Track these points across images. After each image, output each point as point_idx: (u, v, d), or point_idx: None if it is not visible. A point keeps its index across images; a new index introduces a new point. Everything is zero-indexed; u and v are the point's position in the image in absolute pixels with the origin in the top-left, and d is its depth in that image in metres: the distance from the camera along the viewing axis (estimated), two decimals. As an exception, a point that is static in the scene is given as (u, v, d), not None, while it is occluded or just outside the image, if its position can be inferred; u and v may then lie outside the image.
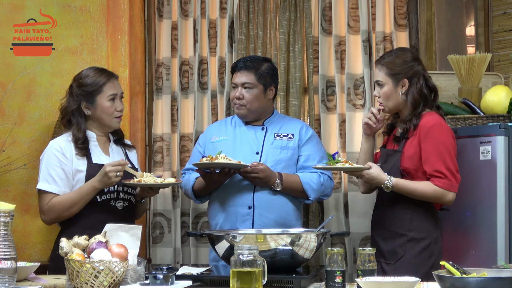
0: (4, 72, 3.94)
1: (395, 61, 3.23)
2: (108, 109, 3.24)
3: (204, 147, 3.55)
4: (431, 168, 3.11)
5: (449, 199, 3.13)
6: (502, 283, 2.16)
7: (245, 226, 3.36)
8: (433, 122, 3.15)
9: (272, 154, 3.45)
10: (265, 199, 3.39)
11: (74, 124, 3.24)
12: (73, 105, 3.25)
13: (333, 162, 3.18)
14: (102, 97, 3.23)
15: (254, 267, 2.26)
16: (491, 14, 4.25)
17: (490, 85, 3.86)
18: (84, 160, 3.19)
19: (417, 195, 3.13)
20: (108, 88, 3.24)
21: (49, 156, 3.19)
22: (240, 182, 3.40)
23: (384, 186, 3.14)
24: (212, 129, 3.64)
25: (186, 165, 3.62)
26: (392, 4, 4.12)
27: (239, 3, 4.21)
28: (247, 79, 3.46)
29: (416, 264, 3.10)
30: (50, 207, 3.15)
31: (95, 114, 3.25)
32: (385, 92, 3.24)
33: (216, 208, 3.46)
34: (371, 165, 3.17)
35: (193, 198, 3.53)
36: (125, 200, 3.26)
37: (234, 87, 3.51)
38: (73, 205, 3.14)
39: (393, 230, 3.19)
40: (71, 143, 3.20)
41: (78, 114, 3.25)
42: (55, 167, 3.17)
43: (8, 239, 2.30)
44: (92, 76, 3.25)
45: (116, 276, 2.38)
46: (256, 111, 3.49)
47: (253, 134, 3.51)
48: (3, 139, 3.84)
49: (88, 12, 4.00)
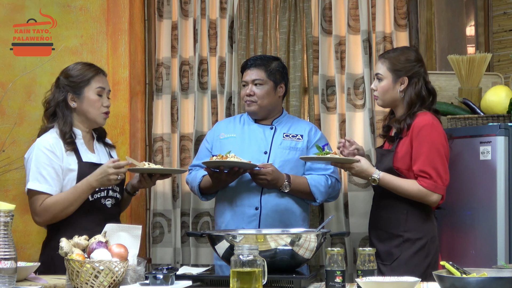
0: (4, 72, 3.95)
1: (399, 58, 3.24)
2: (95, 102, 3.20)
3: (211, 143, 3.56)
4: (418, 168, 3.12)
5: (433, 200, 3.14)
6: (502, 283, 2.16)
7: (252, 227, 3.36)
8: (425, 122, 3.15)
9: (280, 155, 3.45)
10: (272, 201, 3.39)
11: (60, 117, 3.19)
12: (59, 97, 3.21)
13: (323, 153, 3.19)
14: (89, 90, 3.20)
15: (254, 267, 2.26)
16: (491, 14, 4.25)
17: (490, 85, 3.87)
18: (74, 157, 3.15)
19: (402, 192, 3.14)
20: (95, 81, 3.22)
21: (38, 154, 3.11)
22: (249, 182, 3.40)
23: (371, 179, 3.16)
24: (220, 125, 3.64)
25: (193, 161, 3.63)
26: (392, 4, 4.12)
27: (239, 3, 4.21)
28: (257, 75, 3.49)
29: (413, 265, 3.11)
30: (45, 208, 3.08)
31: (81, 107, 3.21)
32: (383, 86, 3.25)
33: (224, 207, 3.46)
34: (360, 158, 3.18)
35: (199, 195, 3.53)
36: (112, 197, 3.24)
37: (244, 85, 3.53)
38: (70, 205, 3.08)
39: (389, 231, 3.20)
40: (60, 140, 3.15)
41: (64, 107, 3.20)
42: (46, 166, 3.10)
43: (8, 239, 2.30)
44: (81, 68, 3.24)
45: (116, 276, 2.38)
46: (266, 107, 3.50)
47: (262, 133, 3.51)
48: (3, 139, 3.84)
49: (88, 12, 4.00)
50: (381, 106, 3.38)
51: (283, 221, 3.38)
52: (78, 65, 3.27)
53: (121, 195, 3.29)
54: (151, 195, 4.24)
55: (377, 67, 3.28)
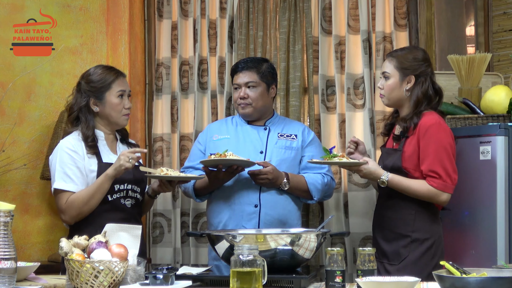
0: (4, 72, 3.95)
1: (407, 56, 3.24)
2: (116, 106, 3.24)
3: (205, 145, 3.56)
4: (427, 168, 3.12)
5: (443, 199, 3.14)
6: (502, 283, 2.16)
7: (251, 224, 3.37)
8: (432, 121, 3.15)
9: (276, 154, 3.46)
10: (271, 198, 3.41)
11: (83, 122, 3.22)
12: (82, 102, 3.24)
13: (330, 157, 3.19)
14: (110, 94, 3.23)
15: (254, 267, 2.26)
16: (491, 14, 4.25)
17: (490, 85, 3.86)
18: (94, 159, 3.18)
19: (411, 192, 3.14)
20: (116, 85, 3.24)
21: (62, 155, 3.16)
22: (247, 180, 3.41)
23: (380, 181, 3.15)
24: (212, 128, 3.64)
25: (185, 164, 3.62)
26: (392, 4, 4.12)
27: (239, 3, 4.21)
28: (250, 78, 3.49)
29: (420, 265, 3.10)
30: (69, 204, 3.11)
31: (103, 111, 3.24)
32: (390, 84, 3.24)
33: (220, 206, 3.46)
34: (368, 160, 3.18)
35: (193, 196, 3.53)
36: (132, 198, 3.25)
37: (236, 88, 3.52)
38: (91, 198, 3.10)
39: (396, 231, 3.19)
40: (81, 142, 3.18)
41: (87, 111, 3.23)
42: (70, 165, 3.14)
43: (8, 239, 2.30)
44: (101, 73, 3.25)
45: (116, 276, 2.38)
46: (261, 109, 3.51)
47: (256, 134, 3.52)
48: (3, 139, 3.84)
49: (88, 12, 4.00)
50: (386, 105, 3.36)
51: (280, 218, 3.40)
52: (98, 69, 3.28)
53: (141, 196, 3.31)
54: (151, 195, 4.24)
55: (384, 66, 3.28)
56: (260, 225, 3.37)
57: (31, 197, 3.92)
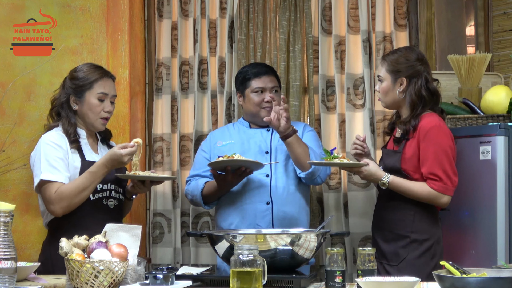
0: (4, 72, 3.94)
1: (398, 59, 3.24)
2: (94, 107, 3.19)
3: (209, 152, 3.57)
4: (428, 170, 3.12)
5: (443, 202, 3.14)
6: (502, 283, 2.16)
7: (265, 222, 3.39)
8: (432, 124, 3.15)
9: (281, 153, 3.48)
10: (282, 194, 3.43)
11: (64, 117, 3.20)
12: (63, 98, 3.22)
13: (331, 158, 3.19)
14: (91, 94, 3.20)
15: (254, 267, 2.26)
16: (491, 14, 4.25)
17: (490, 85, 3.86)
18: (77, 156, 3.15)
19: (412, 194, 3.14)
20: (98, 86, 3.20)
21: (46, 148, 3.11)
22: (255, 179, 3.43)
23: (380, 182, 3.16)
24: (215, 135, 3.65)
25: (191, 172, 3.61)
26: (392, 4, 4.12)
27: (239, 3, 4.21)
28: (275, 83, 3.57)
29: (419, 265, 3.11)
30: (59, 195, 3.04)
31: (81, 110, 3.21)
32: (383, 88, 3.27)
33: (229, 209, 3.47)
34: (369, 162, 3.18)
35: (202, 203, 3.52)
36: (115, 198, 3.23)
37: (259, 92, 3.51)
38: (85, 188, 3.05)
39: (395, 231, 3.20)
40: (64, 137, 3.15)
41: (67, 107, 3.21)
42: (55, 157, 3.09)
43: (8, 239, 2.30)
44: (86, 71, 3.23)
45: (116, 276, 2.38)
46: None
47: (260, 135, 3.55)
48: (3, 139, 3.84)
49: (88, 12, 4.00)
50: (385, 108, 3.39)
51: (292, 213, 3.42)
52: (85, 67, 3.26)
53: (124, 198, 3.30)
54: (151, 195, 4.24)
55: (378, 69, 3.30)
56: (274, 222, 3.39)
57: (31, 197, 3.92)
